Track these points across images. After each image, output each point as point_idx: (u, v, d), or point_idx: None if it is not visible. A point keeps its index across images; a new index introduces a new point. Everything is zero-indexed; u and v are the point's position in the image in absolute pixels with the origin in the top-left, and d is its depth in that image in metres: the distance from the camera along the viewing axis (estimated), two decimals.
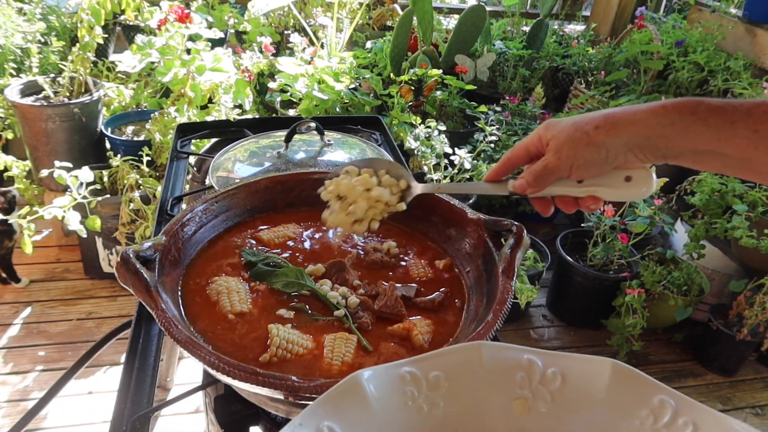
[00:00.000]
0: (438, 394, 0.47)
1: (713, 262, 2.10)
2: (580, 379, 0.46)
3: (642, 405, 0.43)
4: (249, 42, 2.59)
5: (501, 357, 0.48)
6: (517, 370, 0.47)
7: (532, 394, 0.47)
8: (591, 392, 0.45)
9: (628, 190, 0.59)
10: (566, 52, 3.00)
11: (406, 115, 2.18)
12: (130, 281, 0.64)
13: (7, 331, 1.96)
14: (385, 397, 0.45)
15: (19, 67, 2.32)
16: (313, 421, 0.42)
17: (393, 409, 0.45)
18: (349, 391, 0.45)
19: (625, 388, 0.44)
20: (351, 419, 0.44)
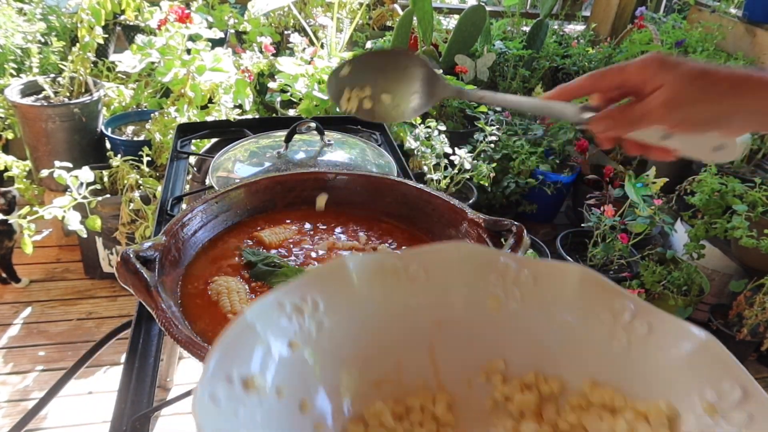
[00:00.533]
0: (417, 285, 0.50)
1: (713, 262, 2.10)
2: (549, 282, 0.49)
3: (604, 308, 0.47)
4: (249, 42, 2.59)
5: (479, 258, 0.51)
6: (492, 270, 0.51)
7: (504, 292, 0.50)
8: (559, 294, 0.49)
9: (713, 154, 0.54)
10: (566, 52, 3.01)
11: None
12: (130, 281, 0.65)
13: (7, 331, 1.96)
14: (368, 282, 0.49)
15: (20, 67, 2.32)
16: (300, 292, 0.47)
17: (373, 293, 0.49)
18: (334, 271, 0.49)
19: (591, 293, 0.48)
20: (334, 295, 0.48)
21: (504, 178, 2.42)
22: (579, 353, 0.48)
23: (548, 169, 2.44)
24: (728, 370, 0.40)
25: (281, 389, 0.43)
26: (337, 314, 0.48)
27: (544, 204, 2.55)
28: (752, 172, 2.18)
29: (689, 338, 0.43)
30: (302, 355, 0.45)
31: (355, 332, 0.49)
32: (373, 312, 0.50)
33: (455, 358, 0.51)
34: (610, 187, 2.19)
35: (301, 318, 0.46)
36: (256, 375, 0.41)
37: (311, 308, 0.47)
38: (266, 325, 0.44)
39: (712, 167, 2.02)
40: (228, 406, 0.38)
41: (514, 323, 0.50)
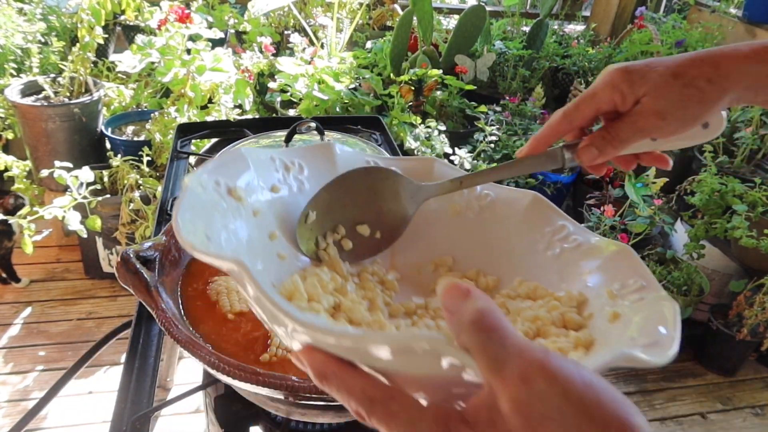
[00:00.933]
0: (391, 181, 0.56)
1: (713, 262, 2.10)
2: (505, 201, 0.57)
3: (547, 225, 0.55)
4: (249, 42, 2.59)
5: (448, 173, 0.58)
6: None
7: (465, 204, 0.58)
8: (511, 211, 0.57)
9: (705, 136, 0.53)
10: (566, 52, 3.01)
11: (406, 115, 2.18)
12: (130, 281, 0.65)
13: (7, 331, 1.96)
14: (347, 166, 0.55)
15: (20, 67, 2.32)
16: (289, 155, 0.54)
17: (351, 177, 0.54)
18: (322, 149, 0.56)
19: (538, 212, 0.56)
20: (317, 167, 0.55)
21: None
22: (516, 257, 0.55)
23: (548, 169, 2.44)
24: (636, 271, 0.46)
25: (257, 211, 0.49)
26: (317, 182, 0.54)
27: None
28: (752, 172, 2.18)
29: (609, 247, 0.50)
30: (281, 197, 0.52)
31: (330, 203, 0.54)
32: (348, 191, 0.55)
33: (411, 248, 0.58)
34: (610, 187, 2.19)
35: (287, 173, 0.53)
36: (239, 188, 0.47)
37: (297, 170, 0.54)
38: (257, 163, 0.50)
39: (712, 167, 2.02)
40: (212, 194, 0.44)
41: (468, 229, 0.58)
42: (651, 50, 2.44)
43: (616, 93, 0.49)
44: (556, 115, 0.52)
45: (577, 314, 0.46)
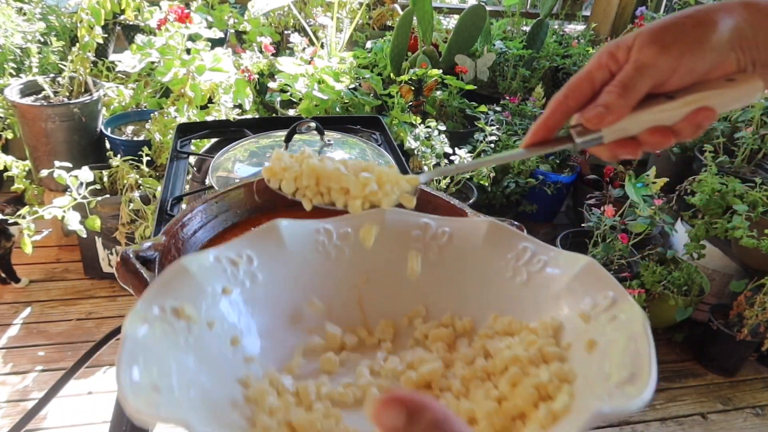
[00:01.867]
0: (345, 244, 0.57)
1: (713, 262, 2.09)
2: (462, 235, 0.57)
3: (510, 250, 0.54)
4: (249, 42, 2.59)
5: (401, 219, 0.58)
6: (414, 229, 0.58)
7: (424, 246, 0.57)
8: (470, 244, 0.56)
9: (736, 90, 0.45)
10: (566, 52, 3.00)
11: (406, 115, 2.18)
12: (130, 281, 0.64)
13: (6, 331, 1.96)
14: (299, 241, 0.55)
15: (19, 67, 2.32)
16: (235, 248, 0.52)
17: (304, 251, 0.55)
18: (267, 232, 0.54)
19: (497, 239, 0.55)
20: (267, 252, 0.53)
21: (504, 178, 2.42)
22: (487, 293, 0.55)
23: (548, 169, 2.44)
24: (604, 284, 0.46)
25: (212, 323, 0.46)
26: (269, 269, 0.53)
27: (544, 204, 2.55)
28: (753, 172, 2.18)
29: (575, 263, 0.50)
30: (235, 299, 0.50)
31: (287, 286, 0.54)
32: (304, 268, 0.55)
33: (382, 307, 0.57)
34: (610, 187, 2.19)
35: (236, 270, 0.51)
36: (187, 306, 0.45)
37: (246, 263, 0.52)
38: (201, 270, 0.48)
39: (712, 167, 2.02)
40: (157, 325, 0.41)
41: (433, 272, 0.57)
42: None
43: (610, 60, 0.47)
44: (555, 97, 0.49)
45: (555, 345, 0.46)
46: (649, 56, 0.44)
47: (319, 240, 0.56)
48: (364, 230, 0.58)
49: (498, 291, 0.54)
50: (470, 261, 0.56)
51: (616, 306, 0.44)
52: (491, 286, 0.55)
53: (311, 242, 0.56)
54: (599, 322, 0.44)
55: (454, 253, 0.56)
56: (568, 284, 0.49)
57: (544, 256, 0.52)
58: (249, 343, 0.49)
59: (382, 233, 0.57)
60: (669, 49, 0.44)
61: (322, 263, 0.56)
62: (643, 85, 0.45)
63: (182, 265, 0.47)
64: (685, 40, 0.44)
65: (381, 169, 0.54)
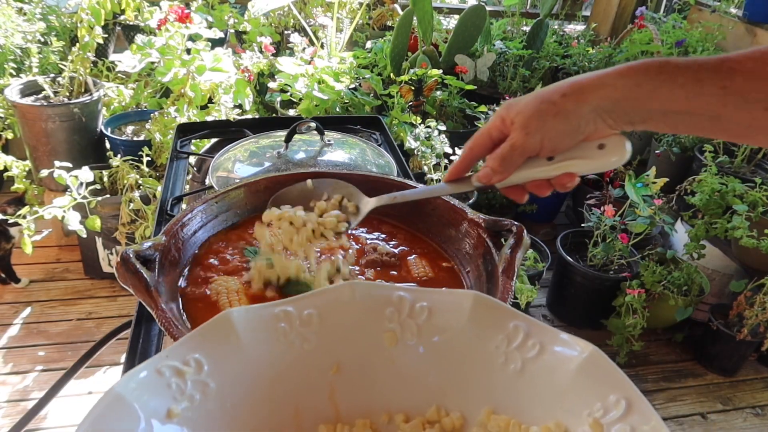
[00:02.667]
0: (310, 330, 0.49)
1: (713, 262, 2.09)
2: (444, 311, 0.49)
3: (499, 331, 0.48)
4: (249, 42, 2.59)
5: (372, 294, 0.50)
6: (387, 306, 0.50)
7: (400, 326, 0.50)
8: (454, 322, 0.49)
9: (603, 159, 0.55)
10: (566, 52, 3.00)
11: (406, 115, 2.18)
12: (130, 281, 0.64)
13: (7, 331, 1.96)
14: (256, 333, 0.47)
15: (19, 67, 2.32)
16: (180, 353, 0.44)
17: (264, 344, 0.47)
18: (218, 327, 0.46)
19: (484, 317, 0.48)
20: (219, 353, 0.45)
21: None
22: (477, 382, 0.48)
23: None
24: (614, 383, 0.41)
25: None
26: (223, 373, 0.45)
27: (544, 204, 2.55)
28: (752, 172, 2.18)
29: (577, 353, 0.44)
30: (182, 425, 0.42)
31: (246, 388, 0.46)
32: (265, 364, 0.47)
33: (356, 401, 0.50)
34: (610, 187, 2.19)
35: (182, 382, 0.43)
36: None
37: (194, 370, 0.44)
38: (139, 395, 0.40)
39: (712, 167, 2.02)
40: None
41: (413, 357, 0.49)
42: (651, 50, 2.44)
43: (498, 121, 0.57)
44: (463, 151, 0.62)
45: None
46: (519, 138, 0.55)
47: (280, 327, 0.48)
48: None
49: (489, 381, 0.48)
50: (455, 343, 0.49)
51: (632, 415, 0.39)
52: (481, 375, 0.48)
53: (270, 331, 0.48)
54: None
55: (434, 332, 0.49)
56: (571, 379, 0.43)
57: (538, 338, 0.46)
58: None
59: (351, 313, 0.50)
60: (533, 135, 0.55)
61: (285, 355, 0.48)
62: (517, 158, 0.57)
63: (116, 393, 0.39)
64: (546, 128, 0.54)
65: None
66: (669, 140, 2.35)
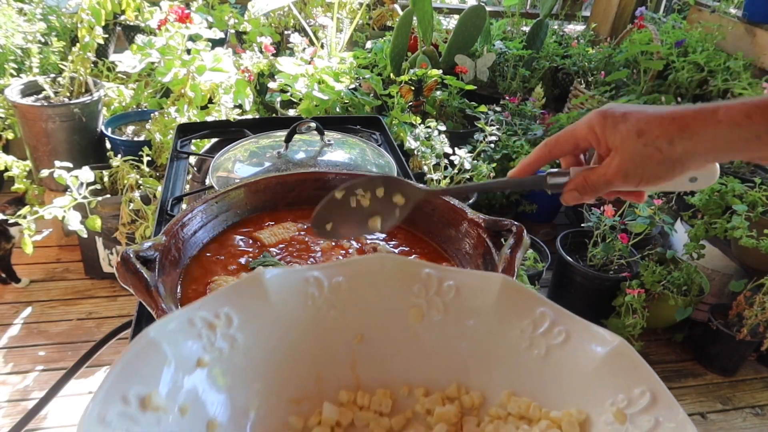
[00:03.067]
0: (338, 298, 0.50)
1: (713, 262, 2.10)
2: (471, 292, 0.50)
3: (525, 316, 0.48)
4: (249, 42, 2.59)
5: (402, 269, 0.51)
6: (415, 282, 0.51)
7: (427, 303, 0.50)
8: (481, 304, 0.49)
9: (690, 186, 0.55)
10: (566, 52, 3.01)
11: (406, 115, 2.18)
12: (130, 281, 0.65)
13: (7, 331, 1.96)
14: (285, 295, 0.48)
15: (20, 67, 2.32)
16: (212, 306, 0.45)
17: (292, 307, 0.48)
18: (249, 285, 0.47)
19: (511, 301, 0.48)
20: (248, 310, 0.46)
21: None
22: (500, 364, 0.48)
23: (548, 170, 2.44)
24: (639, 375, 0.41)
25: (185, 408, 0.41)
26: (252, 330, 0.46)
27: (544, 204, 2.55)
28: (752, 172, 2.18)
29: (603, 344, 0.44)
30: (211, 374, 0.43)
31: (272, 347, 0.47)
32: (292, 326, 0.48)
33: (377, 372, 0.50)
34: None
35: (212, 334, 0.44)
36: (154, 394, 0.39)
37: (224, 324, 0.45)
38: (172, 342, 0.42)
39: None
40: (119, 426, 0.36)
41: (437, 334, 0.50)
42: (651, 50, 2.44)
43: (591, 134, 0.54)
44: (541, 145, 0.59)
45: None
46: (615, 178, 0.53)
47: (309, 292, 0.49)
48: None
49: (512, 363, 0.48)
50: (480, 324, 0.49)
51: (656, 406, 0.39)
52: (504, 357, 0.48)
53: (299, 295, 0.49)
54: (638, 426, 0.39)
55: (461, 313, 0.50)
56: (596, 369, 0.43)
57: (564, 326, 0.46)
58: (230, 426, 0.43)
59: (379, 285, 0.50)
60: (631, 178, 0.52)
61: (311, 319, 0.49)
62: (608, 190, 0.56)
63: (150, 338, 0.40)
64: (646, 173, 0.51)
65: None
66: None
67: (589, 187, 0.56)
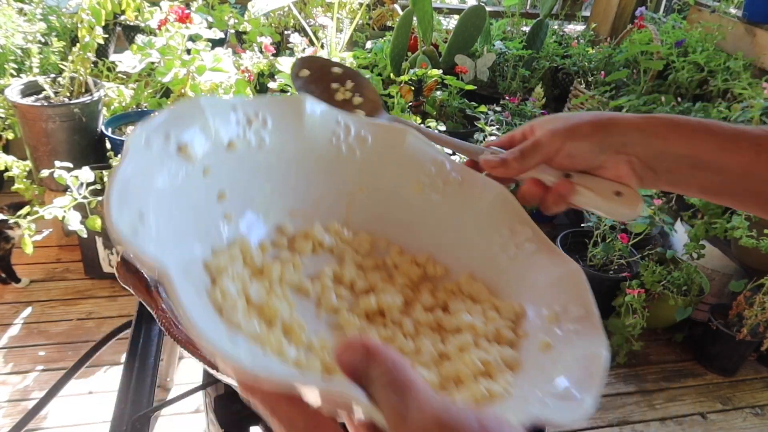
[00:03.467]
0: (360, 148, 0.56)
1: (713, 262, 2.10)
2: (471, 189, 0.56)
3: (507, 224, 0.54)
4: (249, 42, 2.59)
5: (421, 148, 0.57)
6: (430, 163, 0.57)
7: (431, 182, 0.56)
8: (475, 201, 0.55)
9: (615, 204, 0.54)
10: (566, 52, 3.01)
11: (406, 115, 2.18)
12: (131, 281, 0.65)
13: (7, 331, 1.96)
14: (318, 123, 0.53)
15: (20, 67, 2.32)
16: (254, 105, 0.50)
17: (318, 135, 0.54)
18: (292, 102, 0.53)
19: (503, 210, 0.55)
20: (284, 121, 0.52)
21: None
22: (471, 252, 0.54)
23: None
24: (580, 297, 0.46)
25: (208, 169, 0.46)
26: (279, 139, 0.51)
27: None
28: None
29: (562, 266, 0.49)
30: (236, 154, 0.48)
31: (290, 161, 0.52)
32: (312, 151, 0.54)
33: (367, 220, 0.56)
34: None
35: (248, 127, 0.49)
36: (191, 145, 0.44)
37: (260, 123, 0.50)
38: (215, 115, 0.46)
39: None
40: (158, 154, 0.41)
41: (428, 210, 0.56)
42: (651, 50, 2.44)
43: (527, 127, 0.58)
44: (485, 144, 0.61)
45: (513, 330, 0.47)
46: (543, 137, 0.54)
47: (336, 132, 0.55)
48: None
49: (481, 255, 0.53)
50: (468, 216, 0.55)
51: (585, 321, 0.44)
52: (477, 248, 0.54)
53: (328, 130, 0.54)
54: (564, 329, 0.44)
55: (456, 202, 0.56)
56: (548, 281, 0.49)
57: (536, 244, 0.52)
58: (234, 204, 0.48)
59: (397, 153, 0.56)
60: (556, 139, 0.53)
61: (331, 155, 0.54)
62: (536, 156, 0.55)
63: (199, 102, 0.46)
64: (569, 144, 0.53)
65: None
66: None
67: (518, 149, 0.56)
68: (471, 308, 0.49)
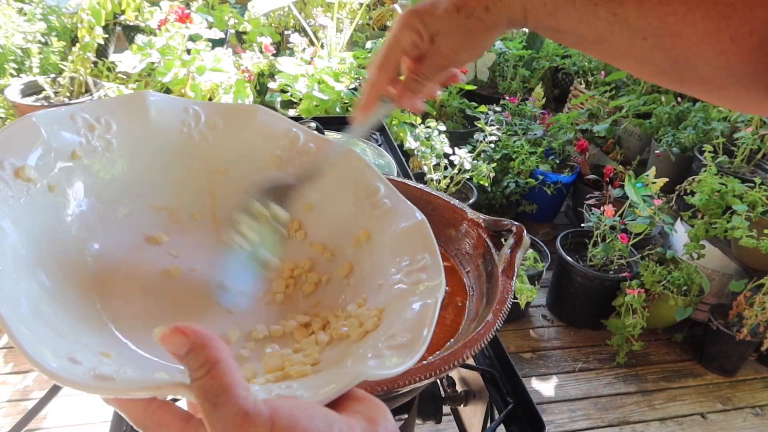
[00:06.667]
0: (212, 133, 0.56)
1: (713, 262, 2.10)
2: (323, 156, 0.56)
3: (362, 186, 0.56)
4: (249, 42, 2.60)
5: (274, 123, 0.58)
6: (284, 138, 0.58)
7: (287, 157, 0.57)
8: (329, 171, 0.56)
9: None
10: (566, 52, 3.01)
11: (406, 115, 2.18)
12: None
13: None
14: (165, 117, 0.54)
15: (20, 67, 2.32)
16: (95, 110, 0.50)
17: (168, 128, 0.54)
18: (134, 100, 0.53)
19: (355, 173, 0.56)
20: (128, 122, 0.52)
21: (504, 178, 2.42)
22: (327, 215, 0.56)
23: (548, 169, 2.45)
24: (425, 246, 0.49)
25: (54, 186, 0.45)
26: (127, 139, 0.51)
27: (544, 204, 2.55)
28: (752, 172, 2.18)
29: (409, 219, 0.52)
30: (82, 164, 0.48)
31: (142, 157, 0.52)
32: (164, 145, 0.54)
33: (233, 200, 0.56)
34: (609, 187, 2.19)
35: (90, 134, 0.49)
36: (28, 167, 0.43)
37: (103, 128, 0.50)
38: (51, 129, 0.46)
39: (712, 167, 2.02)
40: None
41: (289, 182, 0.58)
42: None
43: (413, 33, 0.54)
44: (371, 72, 0.58)
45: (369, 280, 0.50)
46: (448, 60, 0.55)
47: (186, 120, 0.55)
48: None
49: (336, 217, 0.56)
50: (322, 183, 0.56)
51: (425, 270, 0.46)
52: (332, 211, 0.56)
53: (177, 121, 0.55)
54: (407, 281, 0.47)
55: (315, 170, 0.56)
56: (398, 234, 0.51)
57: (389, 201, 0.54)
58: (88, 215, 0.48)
59: (251, 130, 0.57)
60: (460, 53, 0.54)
61: (183, 144, 0.55)
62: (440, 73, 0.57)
63: (32, 121, 0.45)
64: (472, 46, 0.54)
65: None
66: (669, 140, 2.35)
67: (421, 77, 0.56)
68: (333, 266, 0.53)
